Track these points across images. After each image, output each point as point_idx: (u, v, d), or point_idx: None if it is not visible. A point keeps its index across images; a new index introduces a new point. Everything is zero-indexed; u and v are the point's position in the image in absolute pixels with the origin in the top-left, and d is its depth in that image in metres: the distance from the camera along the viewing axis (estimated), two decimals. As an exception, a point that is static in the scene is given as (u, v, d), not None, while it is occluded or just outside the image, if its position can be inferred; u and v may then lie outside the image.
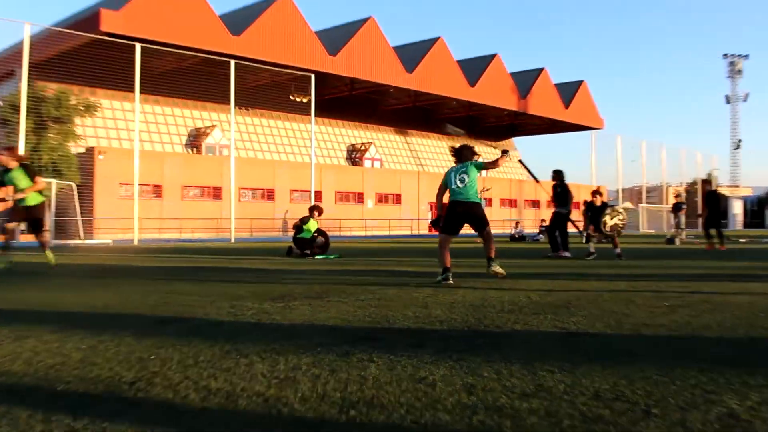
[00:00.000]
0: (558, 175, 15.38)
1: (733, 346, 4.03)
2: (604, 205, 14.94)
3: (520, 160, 12.62)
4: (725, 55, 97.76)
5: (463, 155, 9.42)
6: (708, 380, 3.10)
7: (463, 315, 5.26)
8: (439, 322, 4.89)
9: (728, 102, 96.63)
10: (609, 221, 13.93)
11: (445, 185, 9.34)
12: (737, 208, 79.05)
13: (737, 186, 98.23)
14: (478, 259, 13.80)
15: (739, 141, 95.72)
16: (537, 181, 12.63)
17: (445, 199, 9.35)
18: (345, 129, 60.85)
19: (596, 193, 15.55)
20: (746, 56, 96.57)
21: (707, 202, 18.45)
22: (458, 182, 9.22)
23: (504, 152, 9.30)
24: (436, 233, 9.43)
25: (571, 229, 15.23)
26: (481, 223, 9.18)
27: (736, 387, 2.99)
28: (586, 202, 15.15)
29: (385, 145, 63.16)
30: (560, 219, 15.27)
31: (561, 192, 15.29)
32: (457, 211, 9.12)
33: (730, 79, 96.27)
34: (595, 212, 14.75)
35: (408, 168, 61.78)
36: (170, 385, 3.08)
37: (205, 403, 2.79)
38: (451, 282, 8.27)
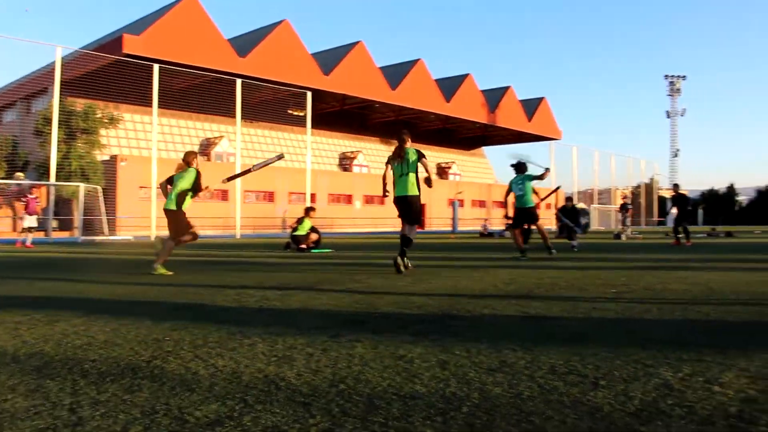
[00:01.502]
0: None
1: (670, 327, 4.06)
2: (573, 208, 17.88)
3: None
4: (666, 75, 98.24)
5: (521, 169, 11.75)
6: (647, 356, 3.13)
7: (438, 301, 5.27)
8: (418, 308, 4.90)
9: (668, 116, 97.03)
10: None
11: (510, 191, 11.73)
12: (675, 209, 79.21)
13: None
14: (448, 252, 13.83)
15: (677, 150, 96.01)
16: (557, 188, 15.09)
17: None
18: (337, 139, 60.73)
19: (569, 199, 19.24)
20: (684, 77, 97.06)
21: (677, 203, 18.30)
22: (518, 190, 11.60)
23: (547, 169, 11.47)
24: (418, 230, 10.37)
25: (548, 226, 17.41)
26: (532, 220, 11.62)
27: (671, 361, 3.02)
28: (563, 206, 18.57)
29: (372, 154, 63.08)
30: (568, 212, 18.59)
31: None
32: (518, 211, 11.60)
33: (670, 97, 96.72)
34: (569, 214, 17.92)
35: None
36: (183, 363, 3.07)
37: (213, 379, 2.79)
38: (524, 257, 10.89)
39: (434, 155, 69.90)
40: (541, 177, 11.58)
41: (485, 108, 64.76)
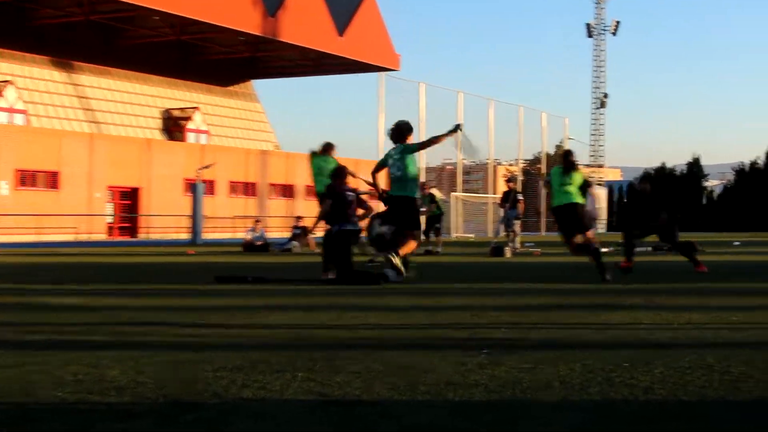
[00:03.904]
0: None
1: (582, 411, 4.28)
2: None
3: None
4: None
5: (401, 133, 12.83)
6: (541, 469, 3.29)
7: (157, 376, 5.22)
8: (118, 390, 4.82)
9: (590, 35, 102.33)
10: None
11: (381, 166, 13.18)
12: (601, 200, 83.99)
13: (601, 166, 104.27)
14: (182, 283, 13.81)
15: (605, 96, 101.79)
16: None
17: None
18: (-40, 56, 58.52)
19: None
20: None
21: (635, 202, 19.34)
22: (396, 169, 12.52)
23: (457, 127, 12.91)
24: (123, 239, 10.27)
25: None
26: (409, 222, 12.94)
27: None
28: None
29: (34, 86, 61.32)
30: None
31: None
32: (390, 201, 13.16)
33: (594, 2, 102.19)
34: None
35: (74, 126, 60.39)
36: None
37: None
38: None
39: (160, 94, 69.17)
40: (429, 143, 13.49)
41: (259, 7, 65.15)
